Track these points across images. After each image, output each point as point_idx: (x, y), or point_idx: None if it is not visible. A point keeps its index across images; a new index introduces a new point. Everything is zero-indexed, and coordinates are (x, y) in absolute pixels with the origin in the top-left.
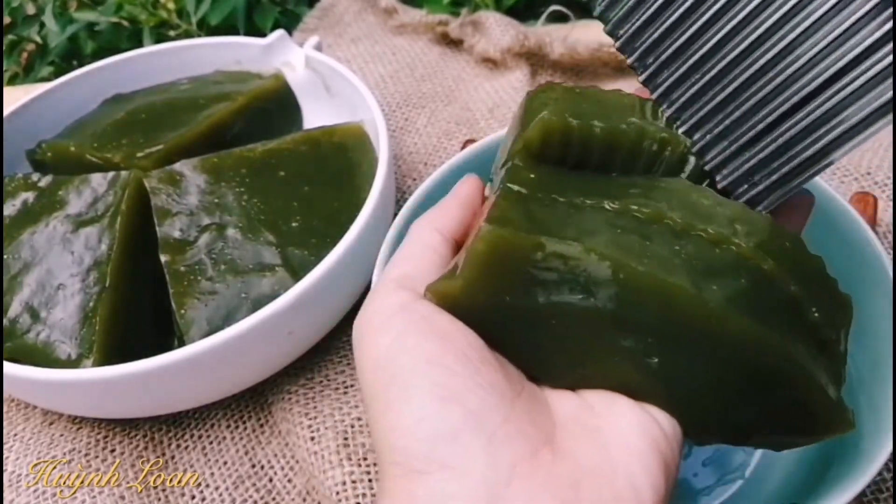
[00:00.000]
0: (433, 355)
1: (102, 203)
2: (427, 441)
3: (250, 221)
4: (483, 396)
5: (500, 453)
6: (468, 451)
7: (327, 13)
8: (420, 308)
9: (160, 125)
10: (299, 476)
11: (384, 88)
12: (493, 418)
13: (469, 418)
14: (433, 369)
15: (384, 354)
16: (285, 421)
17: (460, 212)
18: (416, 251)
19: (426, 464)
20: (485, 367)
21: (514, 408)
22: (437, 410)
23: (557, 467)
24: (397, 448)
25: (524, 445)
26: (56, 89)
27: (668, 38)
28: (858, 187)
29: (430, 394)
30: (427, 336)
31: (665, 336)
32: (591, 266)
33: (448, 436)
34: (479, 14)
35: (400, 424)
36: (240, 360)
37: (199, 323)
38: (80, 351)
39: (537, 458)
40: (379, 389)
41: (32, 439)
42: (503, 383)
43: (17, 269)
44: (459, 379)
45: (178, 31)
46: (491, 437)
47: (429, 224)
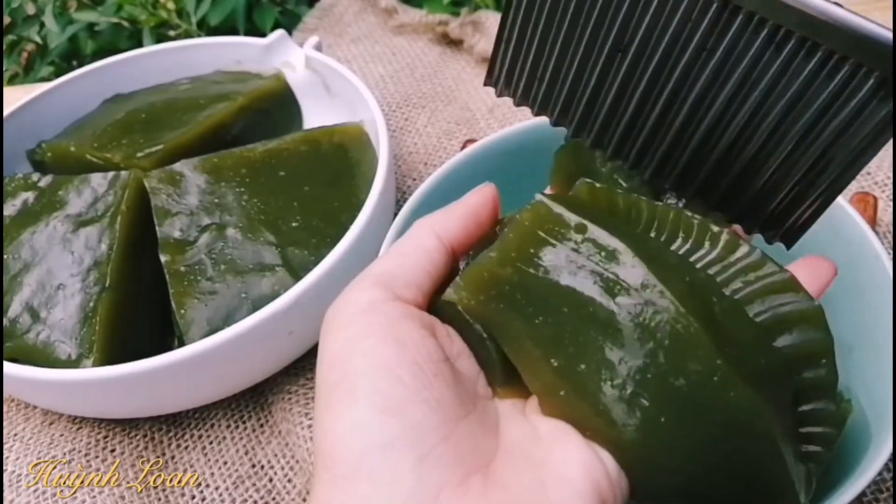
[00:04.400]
0: (386, 361)
1: (102, 203)
2: (358, 450)
3: (250, 221)
4: (426, 412)
5: (429, 475)
6: (397, 466)
7: (327, 13)
8: (388, 310)
9: (160, 125)
10: (299, 476)
11: (384, 88)
12: (430, 437)
13: (405, 433)
14: (382, 376)
15: (341, 352)
16: (285, 421)
17: (465, 221)
18: (409, 250)
19: (353, 472)
20: (436, 381)
21: (456, 428)
22: (375, 420)
23: (487, 497)
24: (329, 453)
25: (455, 471)
26: (56, 89)
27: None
28: (858, 187)
29: (372, 401)
30: (385, 341)
31: (662, 376)
32: (625, 267)
33: (380, 447)
34: (479, 14)
35: (335, 428)
36: (240, 360)
37: (200, 323)
38: (81, 351)
39: (466, 485)
40: (328, 387)
41: (32, 439)
42: (452, 401)
43: (17, 268)
44: (406, 390)
45: (178, 31)
46: (423, 457)
47: (430, 226)
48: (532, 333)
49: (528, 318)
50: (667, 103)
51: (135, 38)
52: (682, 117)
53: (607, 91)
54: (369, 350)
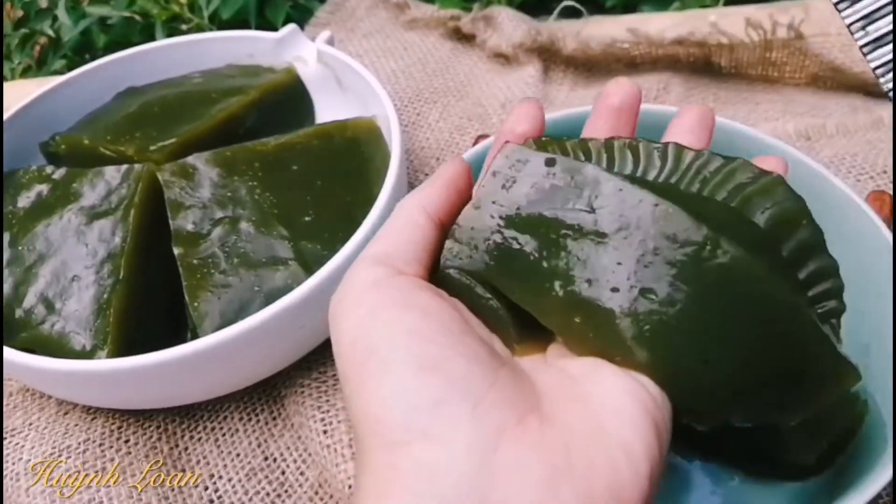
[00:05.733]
0: (412, 327)
1: (116, 196)
2: (407, 411)
3: (263, 215)
4: (466, 365)
5: (486, 420)
6: (452, 419)
7: (339, 8)
8: (397, 283)
9: (173, 118)
10: (312, 469)
11: (396, 83)
12: (478, 385)
13: (452, 386)
14: (412, 340)
15: (360, 328)
16: (298, 414)
17: (447, 191)
18: (401, 228)
19: (407, 434)
20: (467, 338)
21: (498, 376)
22: (418, 380)
23: (546, 433)
24: (376, 419)
25: (511, 412)
26: (69, 82)
27: None
28: (874, 186)
29: (410, 364)
30: (405, 309)
31: (660, 264)
32: (597, 182)
33: (430, 405)
34: (491, 9)
35: (378, 396)
36: (252, 353)
37: (213, 316)
38: (95, 342)
39: (525, 423)
40: (356, 364)
41: (48, 429)
42: (486, 354)
43: (31, 260)
44: (441, 348)
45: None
46: (476, 404)
47: (416, 202)
48: (531, 271)
49: (524, 258)
50: None
51: (147, 31)
52: None
53: None
54: (391, 320)
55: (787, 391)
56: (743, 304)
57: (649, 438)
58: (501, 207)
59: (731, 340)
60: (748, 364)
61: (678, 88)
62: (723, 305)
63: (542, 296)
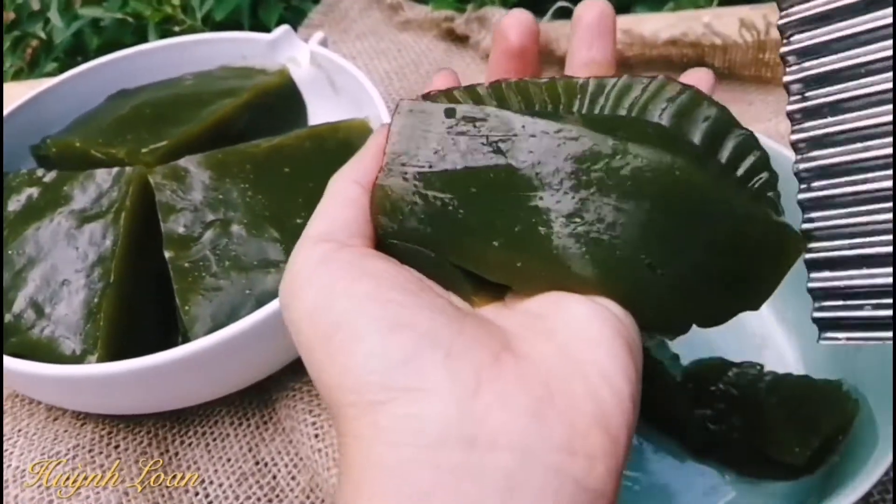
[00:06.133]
0: (370, 292)
1: (107, 199)
2: (383, 371)
3: (255, 218)
4: (431, 317)
5: (461, 364)
6: (426, 370)
7: (332, 9)
8: (345, 255)
9: (165, 121)
10: (303, 473)
11: (389, 84)
12: (447, 335)
13: (421, 340)
14: (374, 304)
15: (318, 304)
16: (289, 418)
17: (377, 162)
18: (335, 204)
19: (385, 393)
20: (426, 295)
21: (464, 324)
22: (387, 340)
23: (522, 367)
24: (353, 388)
25: (484, 352)
26: (61, 85)
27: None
28: None
29: (377, 326)
30: (359, 278)
31: (587, 189)
32: (501, 121)
33: (403, 361)
34: (485, 10)
35: (352, 363)
36: (244, 357)
37: (203, 319)
38: (85, 347)
39: (500, 361)
40: (320, 339)
41: (37, 435)
42: (447, 307)
43: (21, 264)
44: (402, 308)
45: (183, 26)
46: (448, 351)
47: (346, 177)
48: (462, 229)
49: (450, 216)
50: None
51: (139, 33)
52: None
53: None
54: (348, 290)
55: (741, 278)
56: (670, 200)
57: (624, 359)
58: (412, 168)
59: (670, 238)
60: (694, 257)
61: None
62: (651, 207)
63: (479, 250)
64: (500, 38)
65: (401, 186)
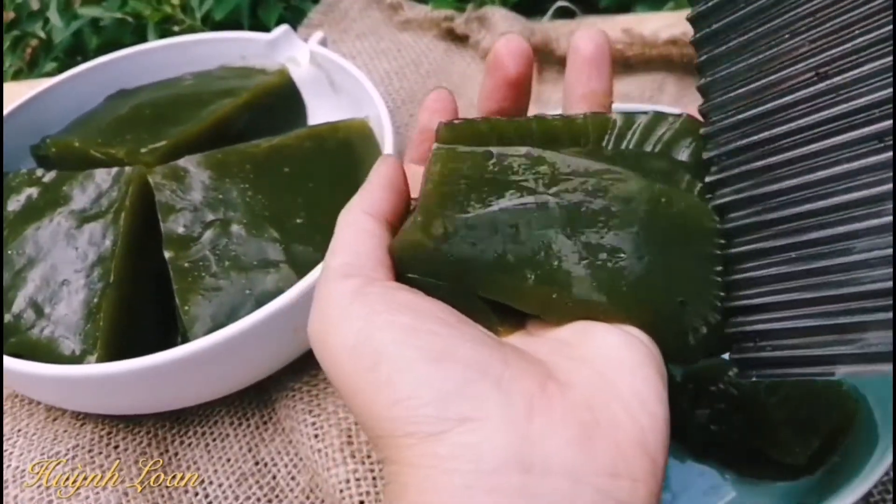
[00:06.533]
0: (410, 325)
1: (106, 199)
2: (434, 403)
3: (254, 218)
4: (474, 348)
5: (513, 393)
6: (480, 399)
7: (332, 8)
8: (377, 289)
9: (164, 121)
10: (303, 474)
11: (389, 84)
12: (494, 365)
13: (470, 370)
14: (417, 336)
15: (358, 339)
16: (289, 418)
17: (386, 192)
18: (351, 237)
19: (441, 423)
20: (464, 326)
21: (506, 353)
22: (437, 371)
23: (568, 395)
24: (405, 419)
25: (531, 381)
26: (60, 85)
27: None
28: None
29: (423, 359)
30: (396, 311)
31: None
32: (539, 165)
33: (455, 392)
34: (484, 9)
35: (400, 396)
36: (243, 357)
37: (203, 319)
38: (84, 347)
39: (547, 390)
40: (362, 372)
41: (36, 435)
42: (486, 336)
43: (21, 264)
44: (445, 339)
45: (183, 26)
46: (499, 381)
47: (357, 209)
48: (495, 266)
49: (485, 256)
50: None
51: (139, 33)
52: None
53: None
54: (388, 324)
55: None
56: (704, 246)
57: (657, 384)
58: (449, 215)
59: (701, 278)
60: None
61: (672, 89)
62: (688, 251)
63: (514, 285)
64: (498, 67)
65: (436, 232)
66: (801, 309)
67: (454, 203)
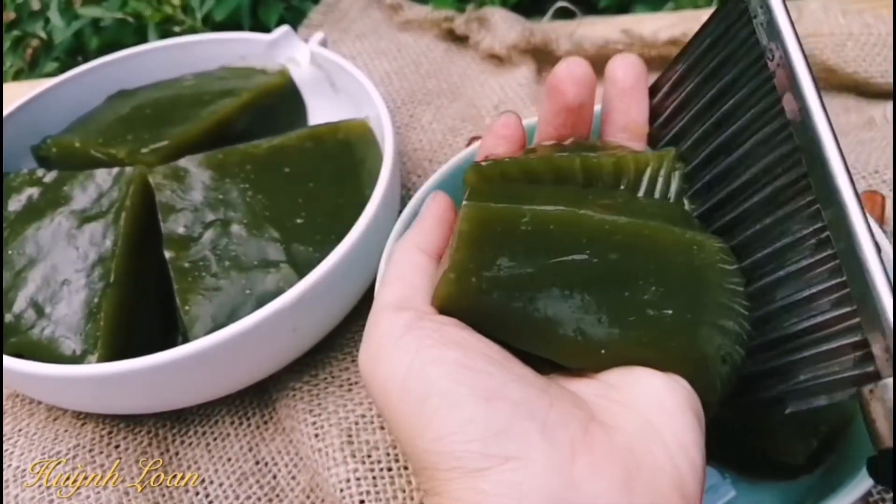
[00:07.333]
0: (461, 362)
1: (107, 199)
2: (481, 440)
3: (255, 218)
4: (522, 389)
5: (558, 435)
6: (525, 439)
7: (332, 9)
8: (428, 324)
9: (165, 121)
10: (303, 473)
11: (389, 85)
12: (540, 406)
13: (517, 410)
14: (466, 373)
15: (410, 371)
16: (289, 418)
17: (439, 228)
18: (405, 271)
19: (487, 460)
20: (511, 365)
21: (551, 395)
22: (484, 409)
23: (612, 440)
24: (451, 454)
25: (576, 424)
26: (61, 85)
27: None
28: (866, 186)
29: (472, 396)
30: (447, 346)
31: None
32: (575, 224)
33: (501, 430)
34: (484, 10)
35: (447, 431)
36: (244, 357)
37: (204, 319)
38: (85, 347)
39: (590, 433)
40: (412, 404)
41: (37, 435)
42: (532, 377)
43: (21, 264)
44: (493, 378)
45: (183, 26)
46: (544, 423)
47: (412, 244)
48: (535, 325)
49: (523, 314)
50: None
51: (140, 33)
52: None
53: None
54: (439, 358)
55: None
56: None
57: (697, 431)
58: (484, 274)
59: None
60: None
61: None
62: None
63: (555, 342)
64: (557, 92)
65: (469, 291)
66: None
67: (487, 260)
